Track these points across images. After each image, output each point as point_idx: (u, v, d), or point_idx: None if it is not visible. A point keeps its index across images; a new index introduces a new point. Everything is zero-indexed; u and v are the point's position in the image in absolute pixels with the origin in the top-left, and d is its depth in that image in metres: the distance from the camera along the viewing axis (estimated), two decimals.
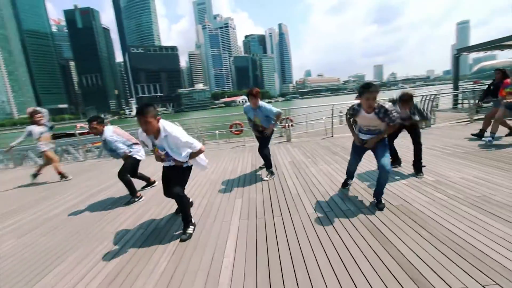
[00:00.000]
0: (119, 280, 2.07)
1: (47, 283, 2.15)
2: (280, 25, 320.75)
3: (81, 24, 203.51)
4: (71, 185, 5.31)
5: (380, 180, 2.80)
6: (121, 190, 4.20)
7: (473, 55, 12.88)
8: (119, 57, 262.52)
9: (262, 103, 4.08)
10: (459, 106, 11.46)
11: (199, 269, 2.10)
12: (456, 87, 12.33)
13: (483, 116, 8.43)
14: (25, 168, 8.74)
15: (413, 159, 3.78)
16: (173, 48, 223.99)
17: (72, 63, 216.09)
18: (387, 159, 2.77)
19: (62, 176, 5.82)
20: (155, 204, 3.62)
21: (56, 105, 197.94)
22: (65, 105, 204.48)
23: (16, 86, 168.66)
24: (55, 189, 5.19)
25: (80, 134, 11.03)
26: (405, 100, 3.44)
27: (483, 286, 1.63)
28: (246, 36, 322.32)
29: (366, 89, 2.58)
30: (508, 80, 4.91)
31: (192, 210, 3.11)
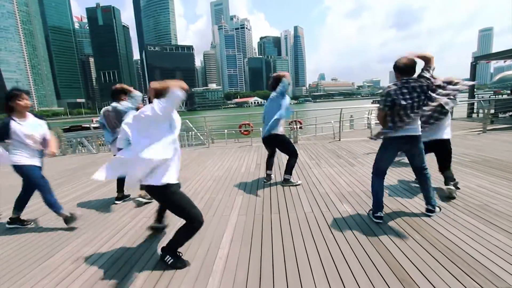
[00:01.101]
0: (119, 263, 2.20)
1: (54, 261, 2.31)
2: (296, 28, 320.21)
3: (102, 21, 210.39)
4: (82, 175, 5.56)
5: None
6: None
7: (495, 64, 12.63)
8: (136, 55, 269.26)
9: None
10: (474, 115, 11.17)
11: (194, 258, 2.20)
12: (472, 96, 12.01)
13: (497, 127, 8.23)
14: None
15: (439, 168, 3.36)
16: (189, 48, 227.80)
17: (91, 59, 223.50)
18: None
19: None
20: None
21: (74, 99, 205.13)
22: (82, 100, 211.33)
23: (38, 79, 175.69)
24: (68, 177, 5.45)
25: (95, 128, 11.46)
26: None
27: None
28: (261, 38, 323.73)
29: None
30: None
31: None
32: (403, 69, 2.42)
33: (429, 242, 2.19)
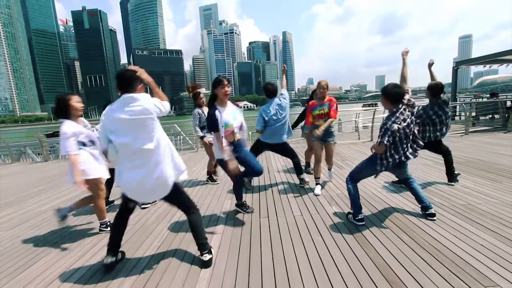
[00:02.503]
0: (102, 272, 2.09)
1: (33, 271, 2.17)
2: (284, 33, 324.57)
3: (88, 25, 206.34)
4: (64, 181, 5.33)
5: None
6: (114, 188, 4.23)
7: (475, 70, 13.11)
8: (124, 59, 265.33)
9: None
10: (457, 118, 11.54)
11: (181, 265, 2.12)
12: (454, 99, 12.42)
13: (478, 129, 8.53)
14: (23, 164, 8.80)
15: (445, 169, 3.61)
16: (178, 52, 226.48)
17: (77, 63, 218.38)
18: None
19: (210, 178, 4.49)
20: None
21: None
22: None
23: (21, 83, 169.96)
24: (49, 184, 5.22)
25: None
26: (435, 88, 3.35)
27: None
28: (250, 43, 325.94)
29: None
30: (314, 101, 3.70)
31: None
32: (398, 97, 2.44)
33: (417, 242, 2.20)
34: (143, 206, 3.45)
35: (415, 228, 2.44)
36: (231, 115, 2.61)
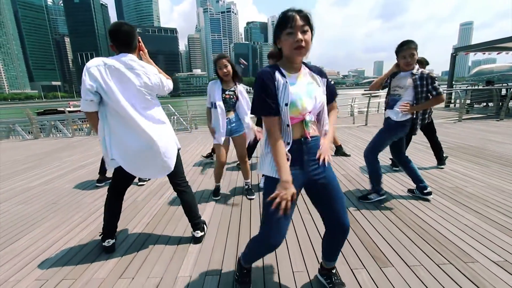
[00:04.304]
0: (90, 246, 2.10)
1: (18, 246, 2.16)
2: None
3: None
4: (54, 159, 5.26)
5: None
6: None
7: (473, 58, 12.99)
8: None
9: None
10: (452, 105, 11.59)
11: (170, 240, 2.14)
12: (450, 86, 12.41)
13: (472, 116, 8.59)
14: (11, 141, 8.63)
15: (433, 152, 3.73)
16: (173, 31, 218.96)
17: (67, 40, 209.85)
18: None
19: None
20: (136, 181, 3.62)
21: (49, 82, 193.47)
22: (58, 83, 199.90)
23: (8, 59, 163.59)
24: (38, 161, 5.14)
25: (70, 112, 10.83)
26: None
27: (437, 265, 1.70)
28: (248, 23, 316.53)
29: (400, 48, 2.39)
30: None
31: None
32: None
33: (404, 222, 2.24)
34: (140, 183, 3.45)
35: (402, 209, 2.49)
36: (304, 88, 1.26)
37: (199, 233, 2.08)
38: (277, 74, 1.20)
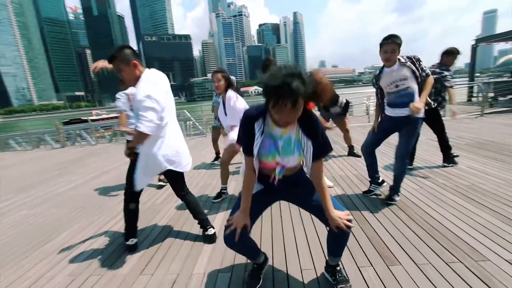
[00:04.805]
0: (114, 245, 2.28)
1: (52, 245, 2.39)
2: (295, 14, 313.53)
3: (97, 11, 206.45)
4: (81, 166, 5.63)
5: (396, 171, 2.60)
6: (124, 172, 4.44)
7: (499, 47, 12.40)
8: (133, 45, 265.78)
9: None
10: (474, 99, 11.08)
11: (186, 239, 2.28)
12: (472, 79, 11.88)
13: (495, 110, 8.20)
14: (41, 150, 9.26)
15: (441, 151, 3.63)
16: (187, 37, 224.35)
17: (88, 51, 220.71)
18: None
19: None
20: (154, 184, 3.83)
21: (73, 92, 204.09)
22: (81, 93, 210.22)
23: (36, 73, 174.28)
24: (67, 169, 5.52)
25: (93, 120, 11.43)
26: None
27: (446, 263, 1.71)
28: (260, 25, 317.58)
29: (383, 41, 2.37)
30: None
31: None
32: None
33: (414, 220, 2.25)
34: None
35: (413, 207, 2.48)
36: (283, 143, 1.29)
37: (211, 230, 2.20)
38: (260, 122, 1.23)
